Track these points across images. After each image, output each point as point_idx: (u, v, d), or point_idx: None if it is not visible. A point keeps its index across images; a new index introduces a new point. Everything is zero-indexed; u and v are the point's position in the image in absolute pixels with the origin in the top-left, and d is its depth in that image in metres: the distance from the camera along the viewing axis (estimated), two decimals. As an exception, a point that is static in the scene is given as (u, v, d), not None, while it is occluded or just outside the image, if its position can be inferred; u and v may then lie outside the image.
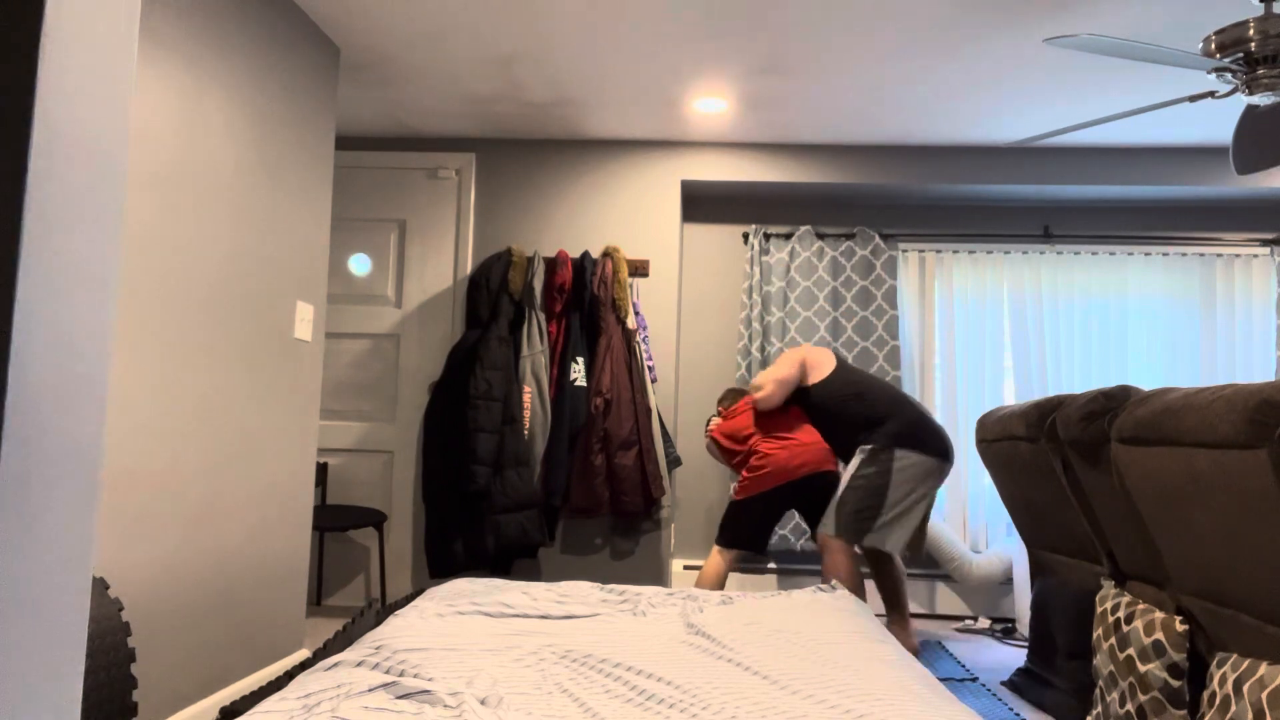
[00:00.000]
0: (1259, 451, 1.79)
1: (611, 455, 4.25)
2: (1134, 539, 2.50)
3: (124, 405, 2.33)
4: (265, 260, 3.02)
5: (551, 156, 4.68)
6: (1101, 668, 2.48)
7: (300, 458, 3.29)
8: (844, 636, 2.14)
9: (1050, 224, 4.91)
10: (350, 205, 4.68)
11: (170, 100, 2.50)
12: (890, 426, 3.44)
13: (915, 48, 3.45)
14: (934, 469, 3.44)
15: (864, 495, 3.38)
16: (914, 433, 3.43)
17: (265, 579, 3.08)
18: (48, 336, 0.58)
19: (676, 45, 3.50)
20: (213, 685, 2.78)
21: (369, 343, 4.62)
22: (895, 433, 3.43)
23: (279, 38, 3.08)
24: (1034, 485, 3.09)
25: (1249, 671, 1.82)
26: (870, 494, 3.37)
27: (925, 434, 3.45)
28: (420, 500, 4.53)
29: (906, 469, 3.36)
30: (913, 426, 3.44)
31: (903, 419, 3.46)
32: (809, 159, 4.64)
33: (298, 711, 1.49)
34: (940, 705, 1.63)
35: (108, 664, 1.98)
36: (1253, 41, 2.65)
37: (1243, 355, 4.73)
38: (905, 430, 3.43)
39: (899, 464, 3.35)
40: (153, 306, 2.44)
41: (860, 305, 4.79)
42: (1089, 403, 2.59)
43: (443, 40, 3.52)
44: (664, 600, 2.56)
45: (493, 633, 2.13)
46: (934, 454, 3.44)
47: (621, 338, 4.35)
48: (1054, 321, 4.81)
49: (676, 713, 1.59)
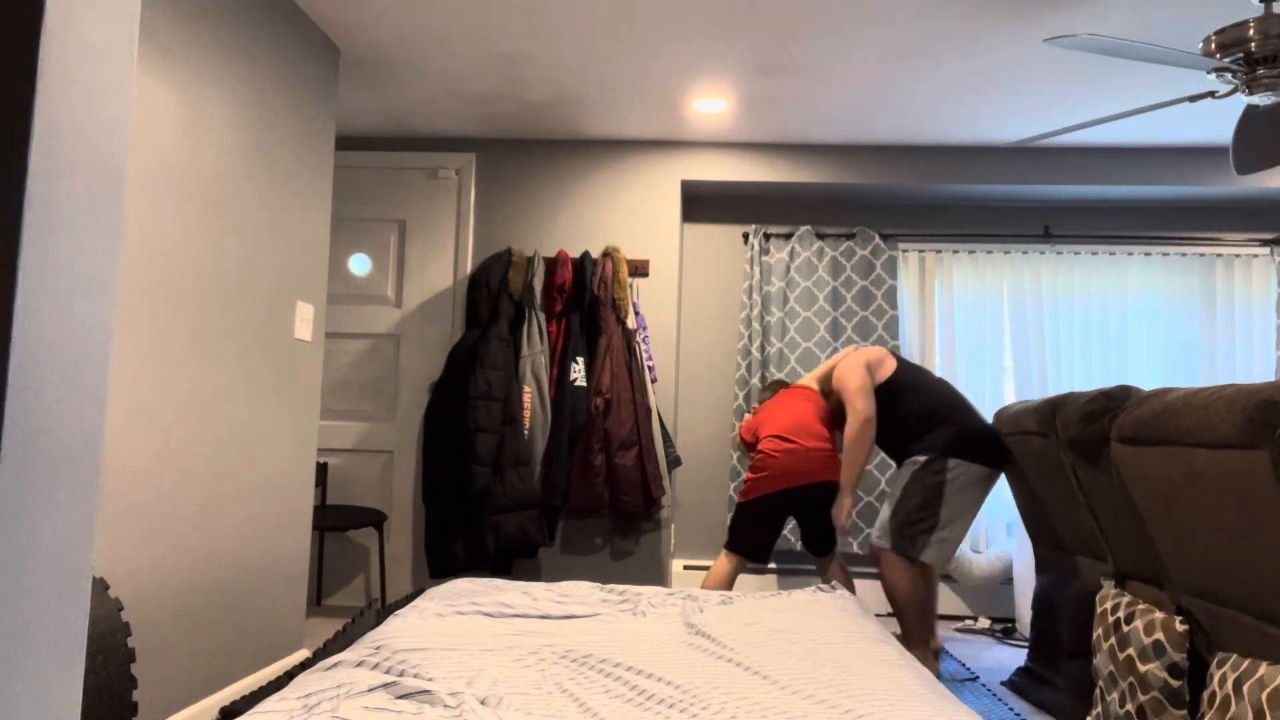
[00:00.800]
0: (1259, 451, 1.79)
1: (611, 455, 4.25)
2: (1134, 539, 2.50)
3: (124, 405, 2.33)
4: (265, 260, 3.02)
5: (551, 156, 4.68)
6: (1101, 667, 2.48)
7: (300, 458, 3.29)
8: (844, 636, 2.14)
9: (1050, 224, 4.91)
10: (350, 205, 4.68)
11: (170, 100, 2.50)
12: (944, 434, 3.26)
13: (915, 48, 3.45)
14: (986, 478, 3.25)
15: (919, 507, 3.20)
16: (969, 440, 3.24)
17: (265, 579, 3.08)
18: (48, 336, 0.58)
19: (676, 45, 3.50)
20: (213, 685, 2.78)
21: (369, 343, 4.62)
22: (949, 441, 3.24)
23: (279, 38, 3.08)
24: (1044, 480, 3.09)
25: (1249, 671, 1.82)
26: (924, 506, 3.19)
27: (981, 441, 3.26)
28: (420, 500, 4.53)
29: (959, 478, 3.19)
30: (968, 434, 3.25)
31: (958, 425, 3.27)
32: (809, 159, 4.64)
33: (298, 711, 1.49)
34: (940, 705, 1.63)
35: (108, 664, 1.98)
36: (1253, 41, 2.65)
37: (1243, 355, 4.73)
38: (957, 439, 3.24)
39: (952, 474, 3.18)
40: (153, 306, 2.44)
41: (860, 305, 4.79)
42: (1089, 403, 2.59)
43: (443, 40, 3.52)
44: (664, 600, 2.56)
45: (493, 633, 2.13)
46: (988, 463, 3.25)
47: (621, 338, 4.35)
48: (1054, 321, 4.81)
49: (676, 713, 1.59)
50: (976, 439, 3.27)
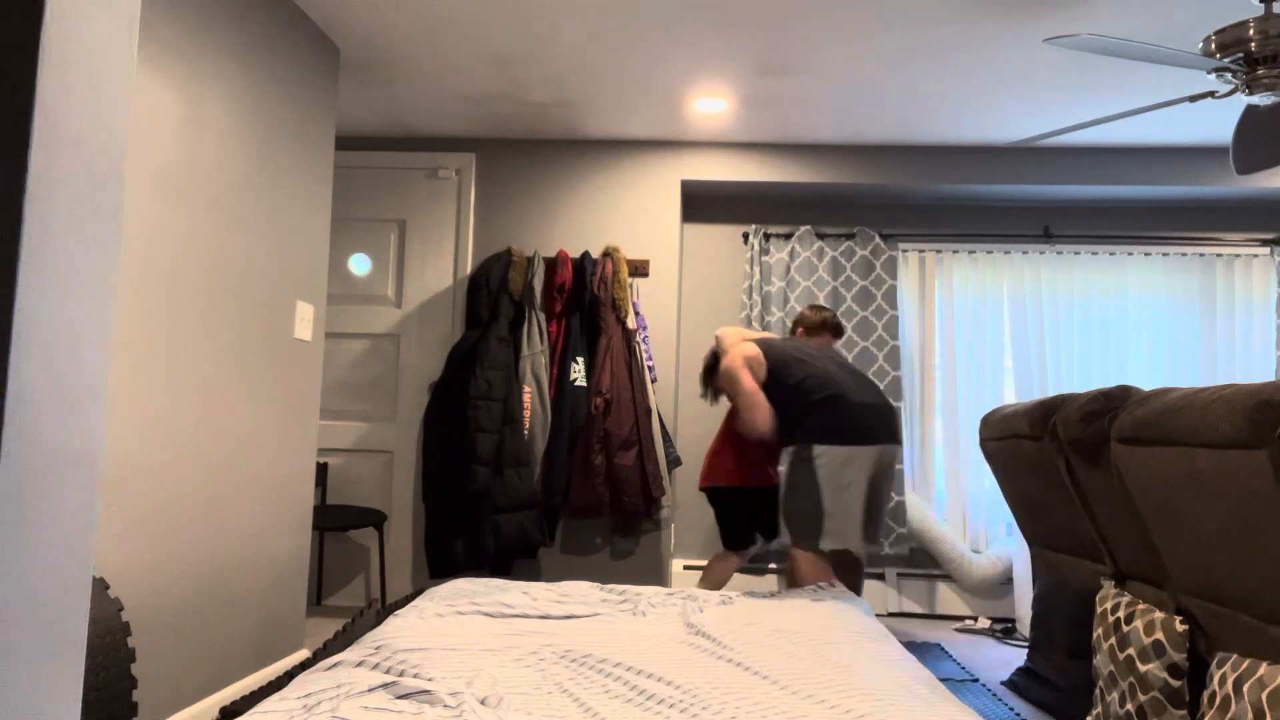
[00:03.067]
0: (1259, 451, 1.79)
1: (611, 455, 4.25)
2: (1134, 539, 2.50)
3: (124, 405, 2.33)
4: (265, 260, 3.02)
5: (551, 156, 4.68)
6: (1101, 668, 2.48)
7: (300, 458, 3.29)
8: (844, 636, 2.14)
9: (1050, 224, 4.90)
10: (350, 205, 4.68)
11: (170, 100, 2.50)
12: (809, 423, 3.17)
13: (915, 48, 3.45)
14: (857, 456, 3.12)
15: (801, 500, 3.15)
16: (826, 425, 3.15)
17: (265, 579, 3.08)
18: (48, 336, 0.58)
19: (676, 45, 3.50)
20: (213, 685, 2.78)
21: (369, 343, 4.62)
22: (811, 428, 3.15)
23: (279, 38, 3.08)
24: (1037, 484, 3.09)
25: (1249, 671, 1.82)
26: (806, 497, 3.13)
27: (844, 423, 3.15)
28: (420, 500, 4.53)
29: (828, 464, 3.10)
30: (826, 419, 3.15)
31: (819, 411, 3.17)
32: (809, 159, 4.64)
33: (298, 711, 1.49)
34: (940, 705, 1.63)
35: (108, 664, 1.98)
36: (1253, 41, 2.65)
37: (1243, 355, 4.73)
38: (818, 425, 3.15)
39: (820, 461, 3.10)
40: (152, 306, 2.44)
41: (860, 305, 4.79)
42: (1089, 403, 2.59)
43: (443, 40, 3.52)
44: (664, 600, 2.56)
45: (493, 633, 2.13)
46: (854, 442, 3.13)
47: (621, 338, 4.35)
48: (1054, 321, 4.81)
49: (676, 713, 1.59)
50: (832, 423, 3.16)
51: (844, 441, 3.13)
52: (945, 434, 4.79)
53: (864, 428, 3.17)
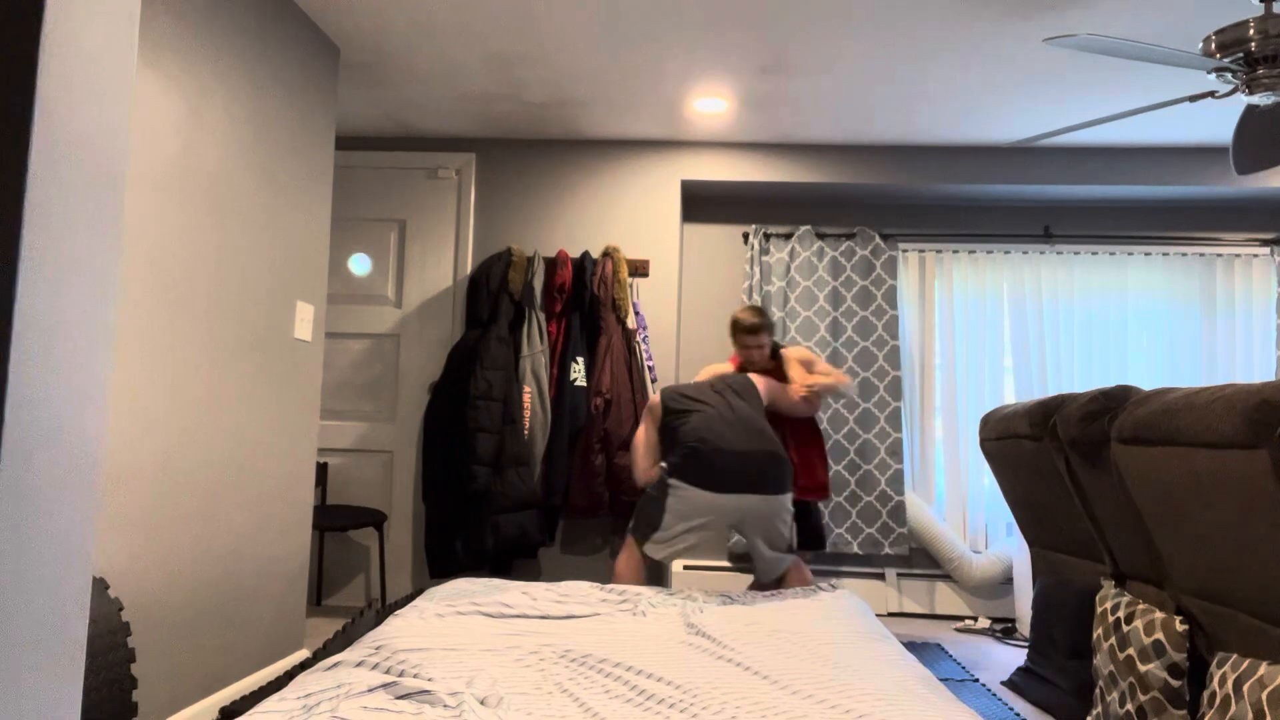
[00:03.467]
0: (1259, 451, 1.79)
1: (611, 455, 4.25)
2: (1134, 539, 2.50)
3: (124, 405, 2.33)
4: (265, 260, 3.02)
5: (551, 156, 4.68)
6: (1101, 667, 2.48)
7: (300, 457, 3.29)
8: (844, 636, 2.14)
9: (1050, 224, 4.91)
10: (350, 205, 4.68)
11: (170, 100, 2.50)
12: (679, 460, 3.38)
13: (915, 48, 3.45)
14: (714, 502, 3.32)
15: (650, 507, 3.38)
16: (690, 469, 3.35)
17: (265, 579, 3.08)
18: (48, 337, 0.58)
19: (676, 45, 3.50)
20: (213, 685, 2.78)
21: (369, 343, 4.62)
22: (678, 465, 3.37)
23: (278, 38, 3.08)
24: (1037, 484, 3.09)
25: (1249, 671, 1.82)
26: (650, 508, 3.37)
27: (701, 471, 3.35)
28: (420, 500, 4.53)
29: (681, 499, 3.33)
30: (691, 463, 3.36)
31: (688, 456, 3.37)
32: (809, 159, 4.64)
33: (298, 711, 1.50)
34: (940, 705, 1.64)
35: (108, 664, 1.98)
36: (1253, 41, 2.65)
37: (1243, 355, 4.73)
38: (684, 466, 3.36)
39: (674, 492, 3.34)
40: (152, 306, 2.44)
41: (860, 305, 4.79)
42: (1089, 403, 2.59)
43: (443, 40, 3.52)
44: (664, 600, 2.56)
45: (493, 633, 2.13)
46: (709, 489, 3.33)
47: (621, 338, 4.35)
48: (1054, 321, 4.81)
49: (676, 713, 1.59)
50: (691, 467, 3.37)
51: (700, 486, 3.35)
52: (945, 434, 4.79)
53: (717, 479, 3.35)
